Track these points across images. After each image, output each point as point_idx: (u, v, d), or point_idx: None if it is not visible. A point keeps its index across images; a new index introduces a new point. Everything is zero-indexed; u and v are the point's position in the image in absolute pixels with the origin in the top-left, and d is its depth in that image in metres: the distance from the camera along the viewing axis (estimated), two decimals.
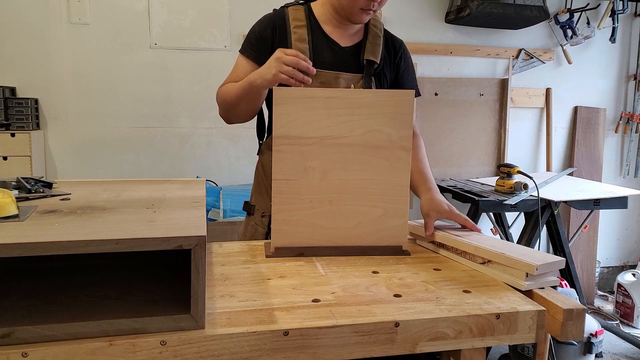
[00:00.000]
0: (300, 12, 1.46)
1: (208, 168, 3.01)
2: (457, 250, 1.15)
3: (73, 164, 2.86)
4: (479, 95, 3.36)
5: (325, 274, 1.03)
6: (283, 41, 1.43)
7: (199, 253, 0.74)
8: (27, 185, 1.15)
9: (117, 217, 0.89)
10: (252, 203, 1.56)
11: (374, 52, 1.47)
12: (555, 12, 3.38)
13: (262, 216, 1.51)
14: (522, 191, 2.66)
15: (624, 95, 3.66)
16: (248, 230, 1.54)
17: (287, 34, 1.44)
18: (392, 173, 1.16)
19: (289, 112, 1.12)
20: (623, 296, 3.15)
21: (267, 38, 1.45)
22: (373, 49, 1.47)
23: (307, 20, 1.46)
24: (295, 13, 1.46)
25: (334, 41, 1.47)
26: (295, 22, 1.44)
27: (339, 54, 1.46)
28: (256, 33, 1.47)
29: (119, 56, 2.85)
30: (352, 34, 1.49)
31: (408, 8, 3.21)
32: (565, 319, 0.86)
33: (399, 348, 0.82)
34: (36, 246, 0.69)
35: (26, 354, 0.69)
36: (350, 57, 1.47)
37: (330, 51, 1.45)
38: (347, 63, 1.45)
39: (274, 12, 1.50)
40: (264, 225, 1.50)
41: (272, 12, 1.50)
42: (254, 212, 1.53)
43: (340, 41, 1.47)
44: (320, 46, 1.45)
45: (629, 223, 3.81)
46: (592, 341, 2.30)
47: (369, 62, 1.47)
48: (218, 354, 0.75)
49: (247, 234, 1.54)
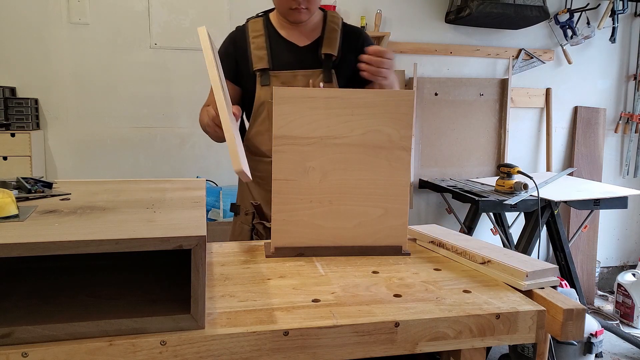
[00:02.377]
0: (258, 23, 1.60)
1: (208, 168, 3.01)
2: (457, 250, 1.15)
3: (73, 164, 2.86)
4: (479, 95, 3.36)
5: (325, 274, 1.03)
6: (243, 52, 1.58)
7: (199, 253, 0.74)
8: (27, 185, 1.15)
9: (117, 217, 0.89)
10: (237, 203, 1.65)
11: (330, 45, 1.56)
12: (555, 12, 3.38)
13: (246, 214, 1.60)
14: (522, 191, 2.66)
15: (623, 95, 3.66)
16: (235, 229, 1.65)
17: (247, 45, 1.58)
18: (392, 173, 1.16)
19: (289, 112, 1.12)
20: (623, 296, 3.15)
21: (230, 54, 1.60)
22: (330, 43, 1.56)
23: (265, 29, 1.58)
24: (254, 25, 1.60)
25: (291, 43, 1.58)
26: (253, 32, 1.58)
27: (297, 53, 1.57)
28: (222, 52, 1.61)
29: (119, 56, 2.85)
30: (309, 33, 1.59)
31: (408, 8, 3.20)
32: (565, 319, 0.86)
33: (399, 348, 0.82)
34: (36, 246, 0.69)
35: (26, 354, 0.69)
36: (309, 54, 1.57)
37: (288, 52, 1.57)
38: (305, 60, 1.56)
39: (236, 29, 1.64)
40: (248, 223, 1.59)
41: (234, 30, 1.65)
42: (240, 211, 1.62)
43: (297, 41, 1.58)
44: (278, 49, 1.57)
45: (629, 223, 3.81)
46: (592, 341, 2.30)
47: (326, 56, 1.56)
48: (218, 354, 0.75)
49: (235, 233, 1.64)
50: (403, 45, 3.20)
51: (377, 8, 3.10)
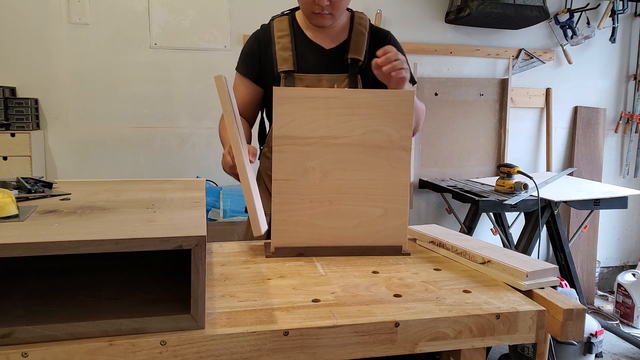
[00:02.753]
0: (284, 23, 1.55)
1: (208, 168, 3.01)
2: (457, 250, 1.15)
3: (73, 164, 2.86)
4: (479, 95, 3.36)
5: (325, 274, 1.03)
6: (268, 52, 1.54)
7: (199, 253, 0.74)
8: (27, 185, 1.15)
9: (117, 217, 0.89)
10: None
11: (357, 50, 1.52)
12: (555, 12, 3.38)
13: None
14: (522, 191, 2.66)
15: (623, 95, 3.66)
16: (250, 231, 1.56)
17: (272, 44, 1.53)
18: (392, 173, 1.16)
19: (289, 112, 1.12)
20: (623, 296, 3.15)
21: (254, 53, 1.56)
22: (357, 47, 1.52)
23: (291, 29, 1.54)
24: (280, 24, 1.55)
25: (317, 45, 1.53)
26: (278, 32, 1.54)
27: (323, 56, 1.53)
28: (245, 51, 1.59)
29: (119, 56, 2.85)
30: (336, 35, 1.54)
31: (408, 8, 3.20)
32: (565, 319, 0.86)
33: (399, 348, 0.82)
34: (36, 246, 0.69)
35: (26, 354, 0.69)
36: (335, 58, 1.53)
37: (313, 55, 1.52)
38: (331, 64, 1.52)
39: (260, 28, 1.60)
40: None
41: (259, 29, 1.60)
42: None
43: (323, 44, 1.54)
44: (304, 51, 1.52)
45: (629, 223, 3.81)
46: (592, 341, 2.30)
47: (353, 60, 1.52)
48: (218, 354, 0.75)
49: (249, 235, 1.57)
50: (403, 45, 3.18)
51: (377, 8, 3.10)
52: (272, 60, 1.52)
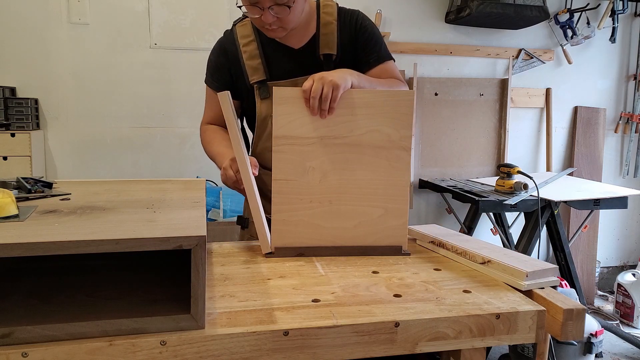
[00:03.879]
0: (247, 28, 1.44)
1: (208, 168, 3.00)
2: (457, 250, 1.15)
3: (73, 164, 2.86)
4: (479, 95, 3.36)
5: (325, 274, 1.03)
6: (236, 63, 1.43)
7: (199, 253, 0.74)
8: (27, 185, 1.15)
9: (117, 217, 0.89)
10: (246, 216, 1.48)
11: (328, 44, 1.42)
12: (555, 12, 3.38)
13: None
14: (522, 191, 2.66)
15: (623, 95, 3.66)
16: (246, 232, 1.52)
17: (239, 54, 1.43)
18: (392, 173, 1.16)
19: (289, 112, 1.12)
20: (623, 296, 3.15)
21: (223, 65, 1.46)
22: (327, 41, 1.42)
23: (255, 33, 1.43)
24: (243, 29, 1.44)
25: (285, 46, 1.43)
26: (243, 39, 1.43)
27: (295, 57, 1.43)
28: (212, 64, 1.48)
29: (119, 56, 2.84)
30: (303, 32, 1.43)
31: (408, 8, 3.20)
32: (565, 319, 0.86)
33: (399, 348, 0.82)
34: (36, 246, 0.69)
35: (26, 354, 0.69)
36: (307, 57, 1.43)
37: (284, 58, 1.43)
38: (304, 65, 1.41)
39: (224, 36, 1.48)
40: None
41: (222, 36, 1.48)
42: (248, 224, 1.46)
43: (292, 44, 1.43)
44: (273, 56, 1.43)
45: (629, 223, 3.81)
46: (592, 341, 2.30)
47: (325, 56, 1.42)
48: (218, 354, 0.75)
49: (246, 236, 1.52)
50: (403, 45, 3.19)
51: (377, 8, 3.09)
52: (242, 71, 1.43)
